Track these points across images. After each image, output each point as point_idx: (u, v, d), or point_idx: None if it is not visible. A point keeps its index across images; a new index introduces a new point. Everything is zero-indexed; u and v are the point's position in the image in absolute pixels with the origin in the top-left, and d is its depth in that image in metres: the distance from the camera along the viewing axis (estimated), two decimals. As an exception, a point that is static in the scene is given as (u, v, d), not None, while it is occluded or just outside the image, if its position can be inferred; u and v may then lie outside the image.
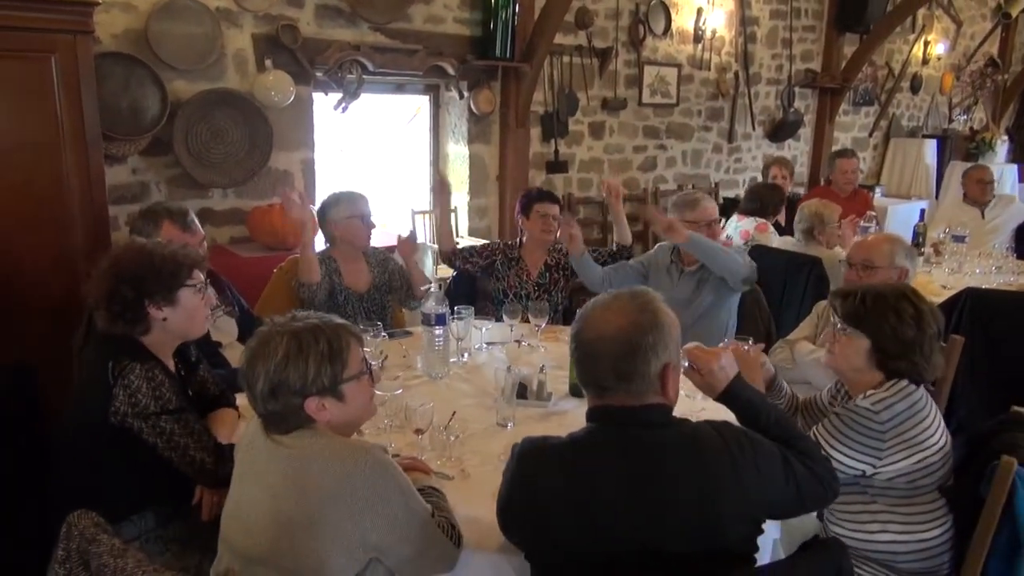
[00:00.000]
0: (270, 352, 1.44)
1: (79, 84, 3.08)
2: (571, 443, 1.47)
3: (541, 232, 3.38)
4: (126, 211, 3.89)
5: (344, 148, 5.12)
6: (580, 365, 1.51)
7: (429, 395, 2.38)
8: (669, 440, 1.43)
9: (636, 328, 1.44)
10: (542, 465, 1.46)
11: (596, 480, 1.40)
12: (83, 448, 1.88)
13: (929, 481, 1.82)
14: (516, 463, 1.49)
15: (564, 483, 1.42)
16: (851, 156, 5.34)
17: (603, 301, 1.52)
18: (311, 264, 2.94)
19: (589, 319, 1.50)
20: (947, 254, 4.45)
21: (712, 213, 3.21)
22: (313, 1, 4.26)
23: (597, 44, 5.67)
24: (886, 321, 1.87)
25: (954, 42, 9.00)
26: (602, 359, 1.45)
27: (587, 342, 1.48)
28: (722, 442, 1.44)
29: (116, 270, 1.92)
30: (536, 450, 1.49)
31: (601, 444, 1.45)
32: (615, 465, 1.41)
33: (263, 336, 1.48)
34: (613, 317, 1.47)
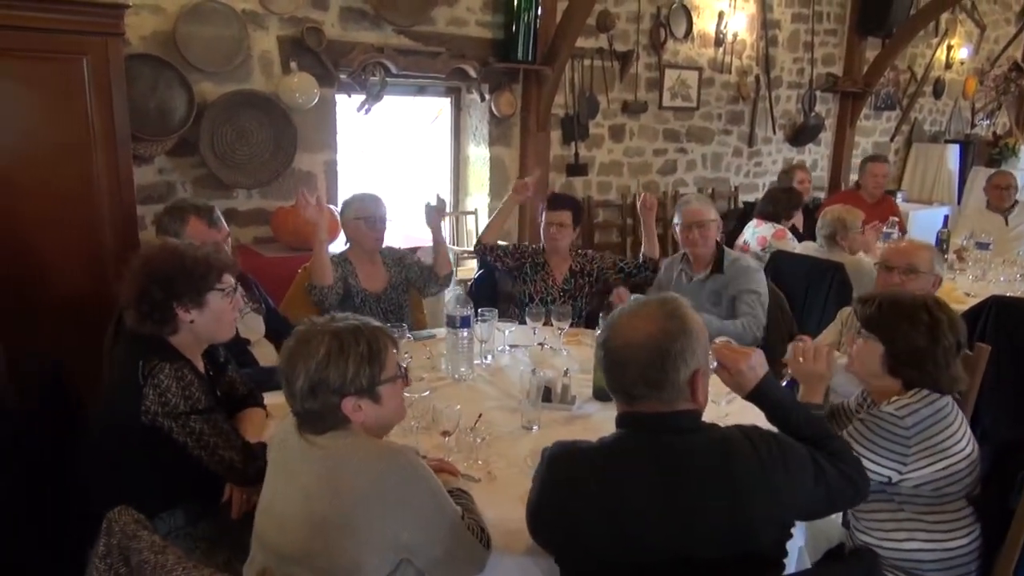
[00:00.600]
0: (312, 351, 1.46)
1: (110, 85, 3.12)
2: (602, 449, 1.48)
3: (547, 239, 3.40)
4: (152, 211, 3.93)
5: (366, 149, 5.15)
6: (609, 373, 1.50)
7: (454, 397, 2.40)
8: (699, 446, 1.44)
9: (665, 335, 1.44)
10: (573, 470, 1.47)
11: (627, 486, 1.41)
12: (114, 446, 1.90)
13: (956, 489, 1.81)
14: (547, 467, 1.49)
15: (595, 489, 1.42)
16: (883, 161, 5.33)
17: (631, 308, 1.52)
18: (323, 266, 2.96)
19: (617, 327, 1.50)
20: (971, 261, 4.42)
21: (698, 215, 3.22)
22: (338, 4, 4.30)
23: (618, 47, 5.68)
24: (899, 328, 1.88)
25: (978, 46, 8.93)
26: (631, 367, 1.45)
27: (615, 350, 1.48)
28: (751, 446, 1.45)
29: (147, 270, 1.94)
30: (567, 455, 1.50)
31: (632, 451, 1.45)
32: (646, 472, 1.41)
33: (304, 335, 1.50)
34: (641, 324, 1.46)
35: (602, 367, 1.52)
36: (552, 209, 3.39)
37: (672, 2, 5.92)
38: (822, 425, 1.67)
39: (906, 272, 2.70)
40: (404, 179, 5.41)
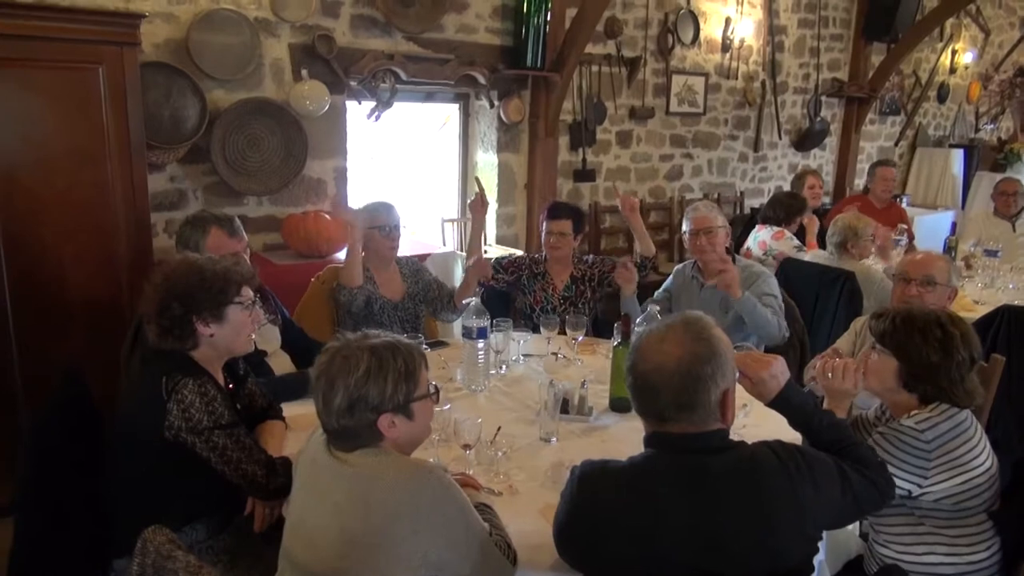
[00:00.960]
0: (351, 367, 1.47)
1: (125, 94, 3.14)
2: (631, 468, 1.49)
3: (548, 248, 3.40)
4: (164, 218, 3.95)
5: (375, 156, 5.16)
6: (640, 397, 1.51)
7: (471, 408, 2.41)
8: (728, 465, 1.45)
9: (695, 359, 1.45)
10: (603, 490, 1.48)
11: (657, 507, 1.42)
12: (136, 461, 1.91)
13: (975, 503, 1.82)
14: (576, 486, 1.50)
15: (625, 508, 1.43)
16: (892, 165, 5.34)
17: (658, 332, 1.52)
18: (354, 267, 2.96)
19: (645, 351, 1.50)
20: (979, 268, 4.43)
21: (706, 222, 3.23)
22: (349, 11, 4.31)
23: (626, 53, 5.69)
24: (912, 343, 1.89)
25: (982, 51, 8.95)
26: (663, 392, 1.45)
27: (645, 374, 1.48)
28: (780, 464, 1.46)
29: (167, 285, 1.94)
30: (596, 474, 1.51)
31: (662, 471, 1.46)
32: (677, 492, 1.42)
33: (340, 352, 1.50)
34: (670, 348, 1.47)
35: (631, 391, 1.53)
36: (552, 218, 3.39)
37: (680, 8, 5.93)
38: (845, 430, 1.69)
39: (923, 284, 2.71)
40: (413, 185, 5.41)
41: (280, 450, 2.07)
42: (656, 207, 6.22)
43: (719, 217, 3.24)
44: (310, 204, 4.37)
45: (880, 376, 1.93)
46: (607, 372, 2.59)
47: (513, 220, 5.40)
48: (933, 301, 2.71)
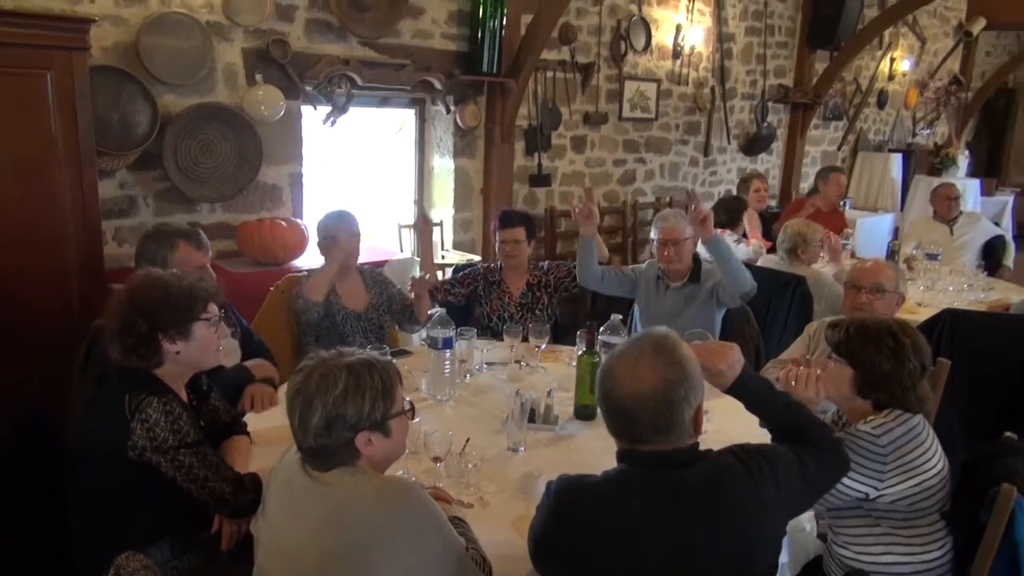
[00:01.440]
0: (329, 386, 1.46)
1: (74, 100, 3.06)
2: (607, 482, 1.51)
3: (503, 256, 3.42)
4: (113, 225, 3.85)
5: (331, 161, 5.11)
6: (615, 422, 1.53)
7: (437, 419, 2.42)
8: (699, 476, 1.49)
9: (669, 384, 1.48)
10: (579, 503, 1.50)
11: (634, 520, 1.45)
12: (97, 481, 1.87)
13: (929, 504, 1.90)
14: (553, 500, 1.52)
15: (602, 522, 1.46)
16: (842, 171, 5.50)
17: (628, 357, 1.53)
18: (326, 281, 3.01)
19: (618, 378, 1.51)
20: (921, 271, 4.59)
21: (674, 233, 3.22)
22: (304, 16, 4.26)
23: (580, 59, 5.75)
24: (865, 352, 1.95)
25: (918, 59, 9.29)
26: (640, 418, 1.48)
27: (620, 400, 1.50)
28: (744, 469, 1.52)
29: (131, 302, 1.90)
30: (573, 488, 1.53)
31: (636, 485, 1.49)
32: (652, 506, 1.46)
33: (316, 370, 1.49)
34: (644, 374, 1.49)
35: (606, 416, 1.55)
36: (505, 227, 3.40)
37: (632, 15, 6.02)
38: (801, 410, 1.77)
39: (873, 291, 2.80)
40: (370, 191, 5.39)
41: (246, 466, 2.04)
42: (610, 211, 6.30)
43: (688, 228, 3.24)
44: (265, 211, 4.31)
45: (836, 384, 1.99)
46: (571, 380, 2.62)
47: (470, 225, 5.40)
48: (882, 308, 2.81)
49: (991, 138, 11.31)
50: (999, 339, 3.22)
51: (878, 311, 2.80)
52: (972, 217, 5.40)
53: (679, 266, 3.25)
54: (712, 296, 3.21)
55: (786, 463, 1.58)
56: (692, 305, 3.24)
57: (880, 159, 8.80)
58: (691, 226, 3.04)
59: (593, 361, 2.48)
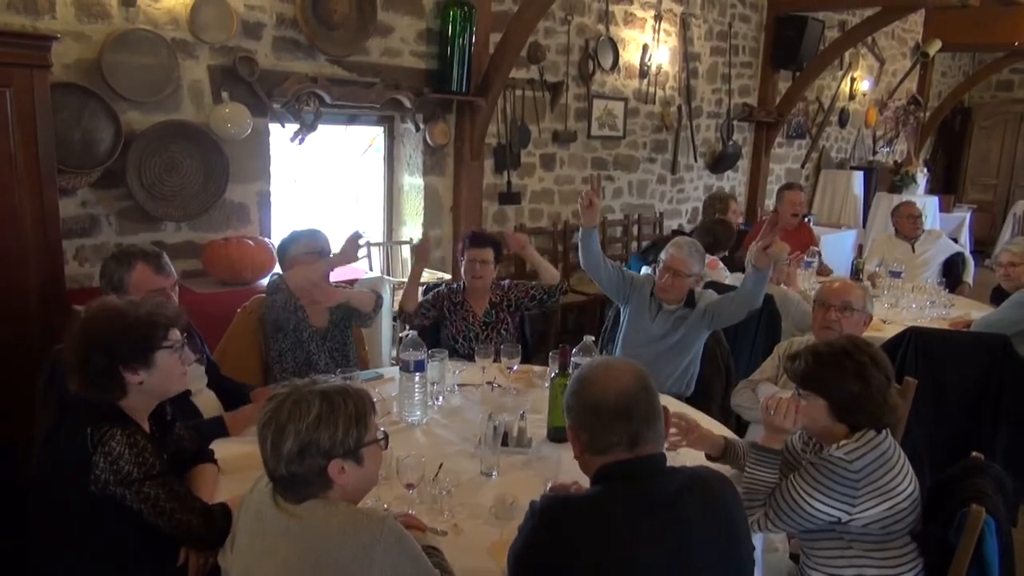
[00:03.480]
0: (302, 412, 1.44)
1: (35, 119, 3.01)
2: (593, 498, 1.52)
3: (471, 276, 3.39)
4: (75, 245, 3.76)
5: (298, 179, 5.06)
6: (610, 426, 1.53)
7: (409, 443, 2.39)
8: (682, 485, 1.53)
9: (643, 375, 1.58)
10: (565, 521, 1.49)
11: (623, 535, 1.45)
12: (59, 516, 1.81)
13: (901, 527, 1.92)
14: (538, 520, 1.50)
15: (590, 539, 1.45)
16: (798, 189, 5.52)
17: (597, 365, 1.62)
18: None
19: (601, 382, 1.56)
20: (884, 289, 4.67)
21: (679, 264, 3.20)
22: (271, 33, 4.22)
23: (549, 78, 5.78)
24: (831, 380, 1.97)
25: (878, 79, 9.51)
26: (633, 412, 1.53)
27: (614, 401, 1.53)
28: (725, 484, 1.60)
29: (87, 335, 1.83)
30: (559, 506, 1.52)
31: (622, 498, 1.50)
32: (642, 518, 1.47)
33: (290, 397, 1.47)
34: (620, 372, 1.57)
35: (599, 422, 1.55)
36: (475, 246, 3.39)
37: (599, 35, 6.07)
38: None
39: (842, 310, 2.84)
40: (338, 209, 5.34)
41: (213, 495, 1.99)
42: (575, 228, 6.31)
43: (695, 265, 3.22)
44: (232, 230, 4.25)
45: (814, 417, 1.99)
46: (543, 401, 2.61)
47: (439, 243, 5.38)
48: (850, 326, 2.84)
49: (948, 156, 11.61)
50: (963, 357, 3.28)
51: (846, 329, 2.83)
52: (933, 234, 5.51)
53: (671, 296, 3.24)
54: (706, 318, 3.22)
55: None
56: (681, 328, 3.24)
57: (842, 176, 8.98)
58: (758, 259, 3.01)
59: (566, 383, 2.45)
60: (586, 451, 1.60)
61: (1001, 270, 4.11)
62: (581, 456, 1.62)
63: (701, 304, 3.24)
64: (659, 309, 3.29)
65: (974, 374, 3.28)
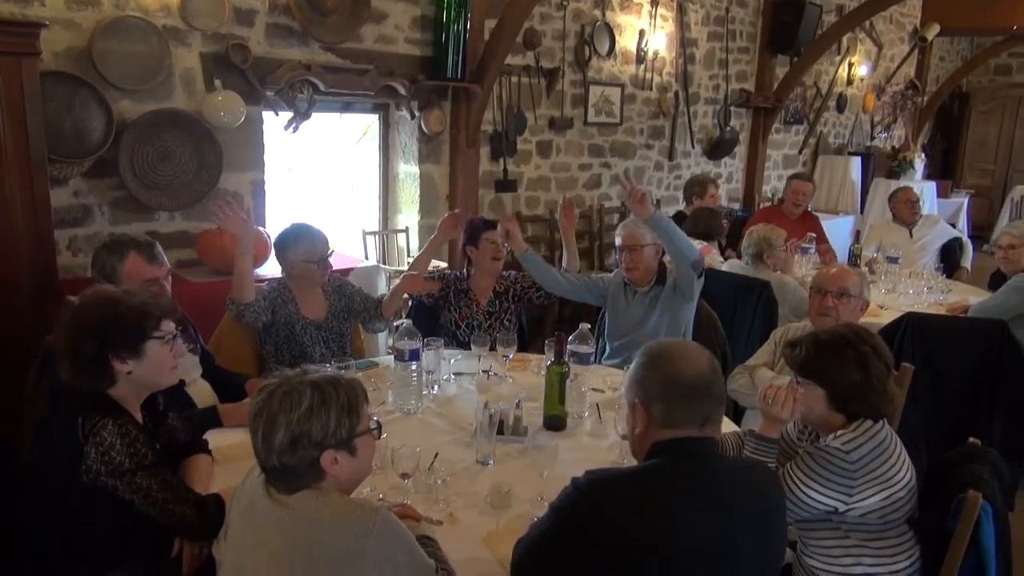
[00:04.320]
0: (293, 403, 1.42)
1: (24, 107, 2.98)
2: (644, 474, 1.54)
3: (491, 260, 3.36)
4: (67, 235, 3.74)
5: (292, 167, 5.03)
6: (689, 401, 1.55)
7: (405, 432, 2.37)
8: (729, 469, 1.58)
9: (716, 363, 1.61)
10: (617, 496, 1.49)
11: (672, 511, 1.46)
12: (51, 507, 1.80)
13: (898, 516, 1.90)
14: (584, 492, 1.49)
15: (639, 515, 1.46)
16: (806, 179, 5.49)
17: (676, 344, 1.66)
18: (243, 281, 2.87)
19: (681, 358, 1.58)
20: (882, 274, 4.66)
21: (631, 239, 3.22)
22: (264, 20, 4.18)
23: (545, 64, 5.74)
24: (831, 368, 1.95)
25: (875, 63, 9.46)
26: (712, 392, 1.57)
27: (694, 379, 1.55)
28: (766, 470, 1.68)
29: (78, 322, 1.82)
30: (609, 481, 1.52)
31: (675, 476, 1.51)
32: (690, 497, 1.49)
33: (280, 387, 1.46)
34: (695, 353, 1.60)
35: (681, 396, 1.55)
36: (491, 229, 3.34)
37: (596, 21, 6.03)
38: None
39: (839, 296, 2.82)
40: (333, 197, 5.31)
41: (207, 486, 1.98)
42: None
43: (647, 235, 3.22)
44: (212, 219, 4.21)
45: (811, 406, 1.98)
46: (539, 389, 2.60)
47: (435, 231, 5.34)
48: (847, 312, 2.83)
49: (946, 141, 11.58)
50: (960, 342, 3.27)
51: (843, 315, 2.81)
52: (930, 220, 5.49)
53: (638, 273, 3.24)
54: (676, 291, 3.21)
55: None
56: (656, 306, 3.23)
57: (840, 162, 8.95)
58: (633, 207, 3.00)
59: (562, 371, 2.46)
60: (653, 424, 1.57)
61: (1000, 252, 4.10)
62: (645, 431, 1.59)
63: (670, 279, 3.22)
64: (634, 293, 3.29)
65: (971, 359, 3.27)
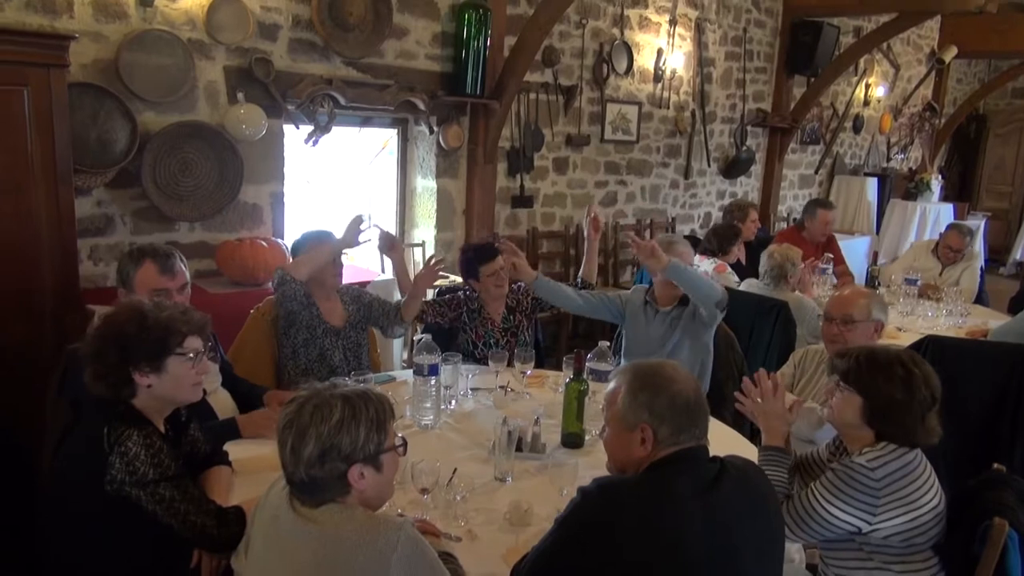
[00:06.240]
0: (324, 416, 1.43)
1: (51, 118, 3.02)
2: (652, 479, 1.58)
3: (495, 289, 3.33)
4: (89, 244, 3.77)
5: (311, 180, 5.07)
6: (689, 416, 1.63)
7: (423, 446, 2.37)
8: (721, 469, 1.59)
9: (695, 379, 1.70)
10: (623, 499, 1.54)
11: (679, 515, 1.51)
12: (73, 516, 1.80)
13: (923, 540, 1.88)
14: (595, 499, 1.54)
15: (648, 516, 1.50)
16: (832, 208, 5.43)
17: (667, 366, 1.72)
18: (309, 264, 2.93)
19: (676, 380, 1.65)
20: (900, 296, 4.61)
21: (686, 258, 3.23)
22: (287, 35, 4.23)
23: (563, 82, 5.77)
24: (875, 381, 1.94)
25: (893, 85, 9.45)
26: (701, 407, 1.66)
27: (685, 394, 1.63)
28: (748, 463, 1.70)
29: (106, 330, 1.85)
30: (617, 486, 1.58)
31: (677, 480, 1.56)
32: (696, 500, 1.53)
33: (311, 400, 1.46)
34: (686, 375, 1.70)
35: (685, 416, 1.62)
36: (487, 261, 3.29)
37: (614, 39, 6.06)
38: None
39: (844, 323, 2.78)
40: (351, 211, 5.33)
41: (227, 498, 1.98)
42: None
43: (679, 247, 3.24)
44: (245, 230, 4.25)
45: (843, 413, 1.97)
46: (557, 406, 2.59)
47: (452, 245, 5.37)
48: (855, 338, 2.75)
49: (962, 163, 11.53)
50: (981, 366, 3.23)
51: (851, 342, 2.75)
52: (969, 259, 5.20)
53: (660, 289, 3.22)
54: (694, 318, 3.19)
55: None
56: (677, 328, 3.21)
57: (856, 183, 8.92)
58: (646, 263, 3.00)
59: (580, 388, 2.45)
60: (658, 444, 1.62)
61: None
62: (650, 451, 1.63)
63: (692, 305, 3.21)
64: (655, 313, 3.26)
65: (992, 384, 3.24)
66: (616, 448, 1.71)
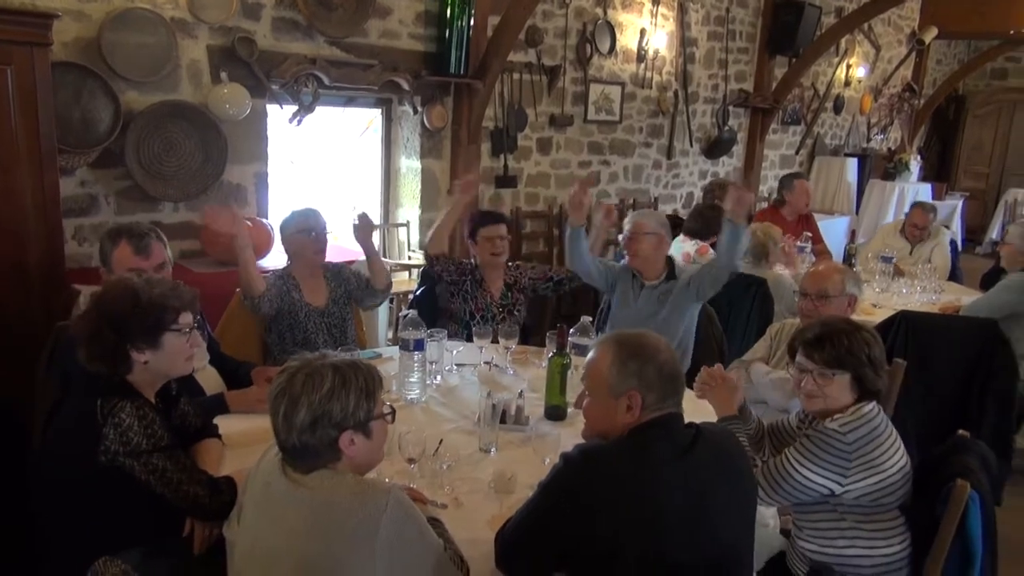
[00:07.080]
0: (316, 384, 1.48)
1: (35, 97, 3.01)
2: (634, 442, 1.63)
3: (489, 255, 3.39)
4: (73, 224, 3.77)
5: (295, 160, 5.07)
6: (673, 382, 1.69)
7: (409, 419, 2.42)
8: (695, 434, 1.64)
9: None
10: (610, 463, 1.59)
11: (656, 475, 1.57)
12: (66, 487, 1.84)
13: (891, 500, 1.98)
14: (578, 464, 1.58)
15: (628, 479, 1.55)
16: (805, 177, 5.51)
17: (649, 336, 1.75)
18: (250, 276, 2.92)
19: (661, 350, 1.70)
20: (875, 274, 4.70)
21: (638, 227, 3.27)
22: (270, 14, 4.22)
23: (546, 62, 5.79)
24: (863, 352, 2.02)
25: (873, 66, 9.53)
26: (680, 372, 1.72)
27: (669, 362, 1.69)
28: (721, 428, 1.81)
29: (99, 311, 1.87)
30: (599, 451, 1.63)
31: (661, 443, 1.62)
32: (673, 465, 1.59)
33: (301, 370, 1.51)
34: (666, 344, 1.74)
35: (670, 383, 1.68)
36: (491, 224, 3.40)
37: (597, 19, 6.08)
38: None
39: (818, 298, 2.85)
40: (335, 191, 5.36)
41: (218, 469, 2.03)
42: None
43: (652, 222, 3.27)
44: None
45: (839, 396, 2.03)
46: (540, 381, 2.65)
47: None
48: (829, 313, 2.82)
49: (941, 143, 11.66)
50: (952, 341, 3.33)
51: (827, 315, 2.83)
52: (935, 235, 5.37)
53: (637, 260, 3.28)
54: (689, 289, 3.24)
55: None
56: (666, 303, 3.27)
57: (836, 163, 9.02)
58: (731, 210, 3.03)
59: (563, 363, 2.51)
60: (645, 410, 1.67)
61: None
62: (639, 416, 1.67)
63: (684, 276, 3.27)
64: (641, 287, 3.32)
65: (963, 357, 3.34)
66: (599, 415, 1.73)
